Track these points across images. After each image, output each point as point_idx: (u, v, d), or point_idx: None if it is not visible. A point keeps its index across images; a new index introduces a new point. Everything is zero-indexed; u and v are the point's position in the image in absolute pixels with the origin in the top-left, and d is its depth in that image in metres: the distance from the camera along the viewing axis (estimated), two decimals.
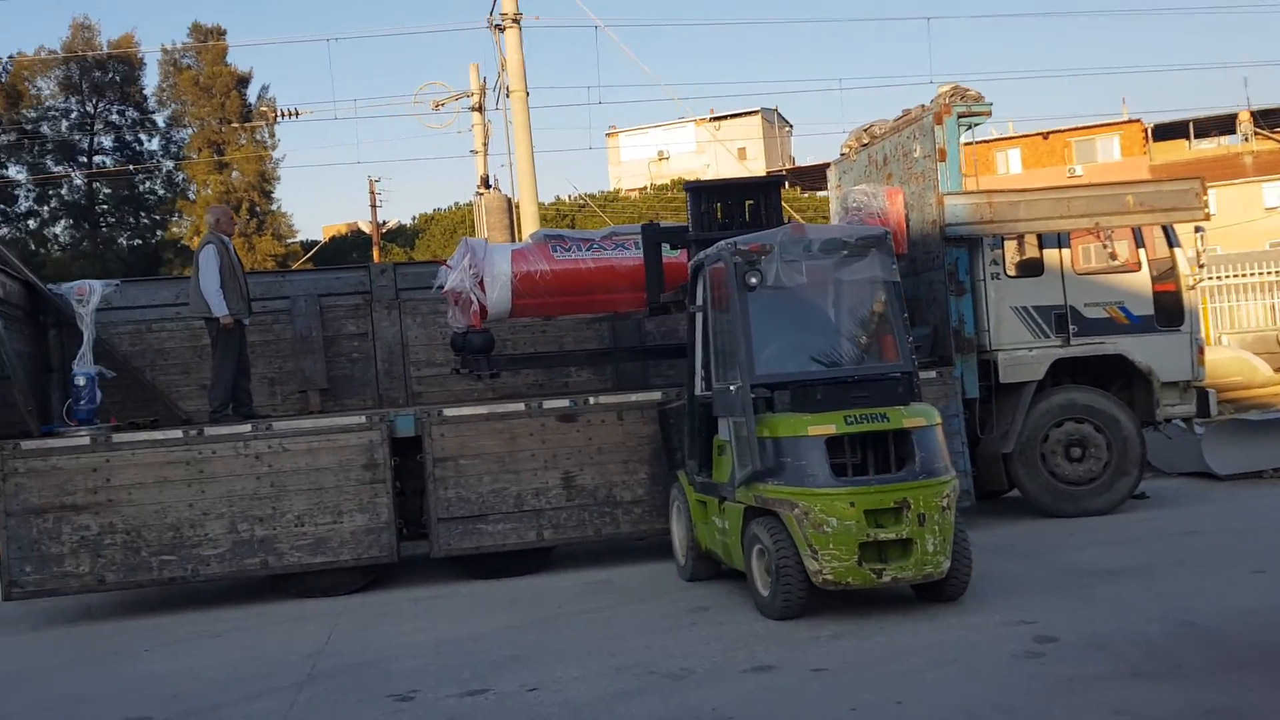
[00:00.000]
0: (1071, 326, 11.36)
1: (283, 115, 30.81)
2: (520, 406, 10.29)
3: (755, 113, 71.28)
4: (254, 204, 46.54)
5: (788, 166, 67.36)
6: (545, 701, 6.18)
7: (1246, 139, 49.52)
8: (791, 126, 77.91)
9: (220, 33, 46.90)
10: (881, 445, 7.83)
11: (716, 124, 72.87)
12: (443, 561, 10.10)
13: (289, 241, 48.27)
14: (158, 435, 9.79)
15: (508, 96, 20.14)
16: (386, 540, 9.88)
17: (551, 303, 11.08)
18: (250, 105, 47.34)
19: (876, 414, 7.83)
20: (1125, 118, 51.38)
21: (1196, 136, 51.12)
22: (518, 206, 21.09)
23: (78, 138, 46.68)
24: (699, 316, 9.19)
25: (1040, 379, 11.28)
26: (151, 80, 47.66)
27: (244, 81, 47.40)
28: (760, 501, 7.95)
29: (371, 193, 42.63)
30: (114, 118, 47.19)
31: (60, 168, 45.72)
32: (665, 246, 10.58)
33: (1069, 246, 11.51)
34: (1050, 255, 11.51)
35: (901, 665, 6.44)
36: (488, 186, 28.72)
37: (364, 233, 51.17)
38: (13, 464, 9.48)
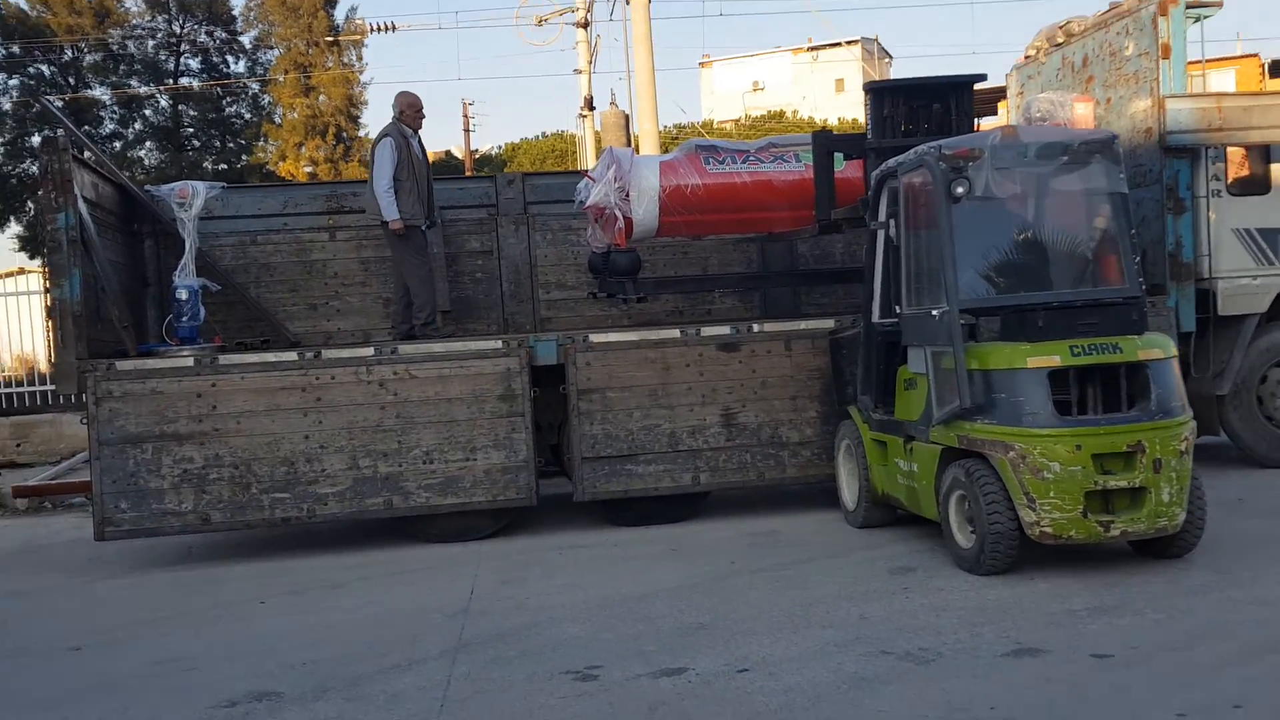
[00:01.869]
0: None
1: (375, 30, 29.62)
2: (676, 333, 9.02)
3: (855, 42, 68.97)
4: (340, 129, 45.72)
5: None
6: (766, 689, 4.96)
7: None
8: (891, 57, 75.33)
9: None
10: (1110, 380, 6.69)
11: (814, 54, 70.91)
12: (584, 505, 8.92)
13: None
14: (270, 357, 8.66)
15: (626, 2, 18.69)
16: (525, 480, 8.71)
17: (702, 220, 9.84)
18: (338, 26, 46.51)
19: (1107, 344, 6.68)
20: (1240, 52, 48.57)
21: None
22: (632, 130, 19.71)
23: (164, 58, 46.03)
24: (881, 234, 7.96)
25: (1263, 312, 9.80)
26: (239, 0, 46.72)
27: (331, 1, 46.47)
28: (965, 443, 6.86)
29: (465, 116, 41.47)
30: (201, 38, 46.44)
31: (146, 88, 45.14)
32: (837, 158, 9.26)
33: None
34: (1277, 170, 9.96)
35: (1203, 653, 5.15)
36: (592, 108, 27.40)
37: (456, 159, 50.10)
38: (106, 386, 8.42)
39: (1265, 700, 4.55)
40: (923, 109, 8.73)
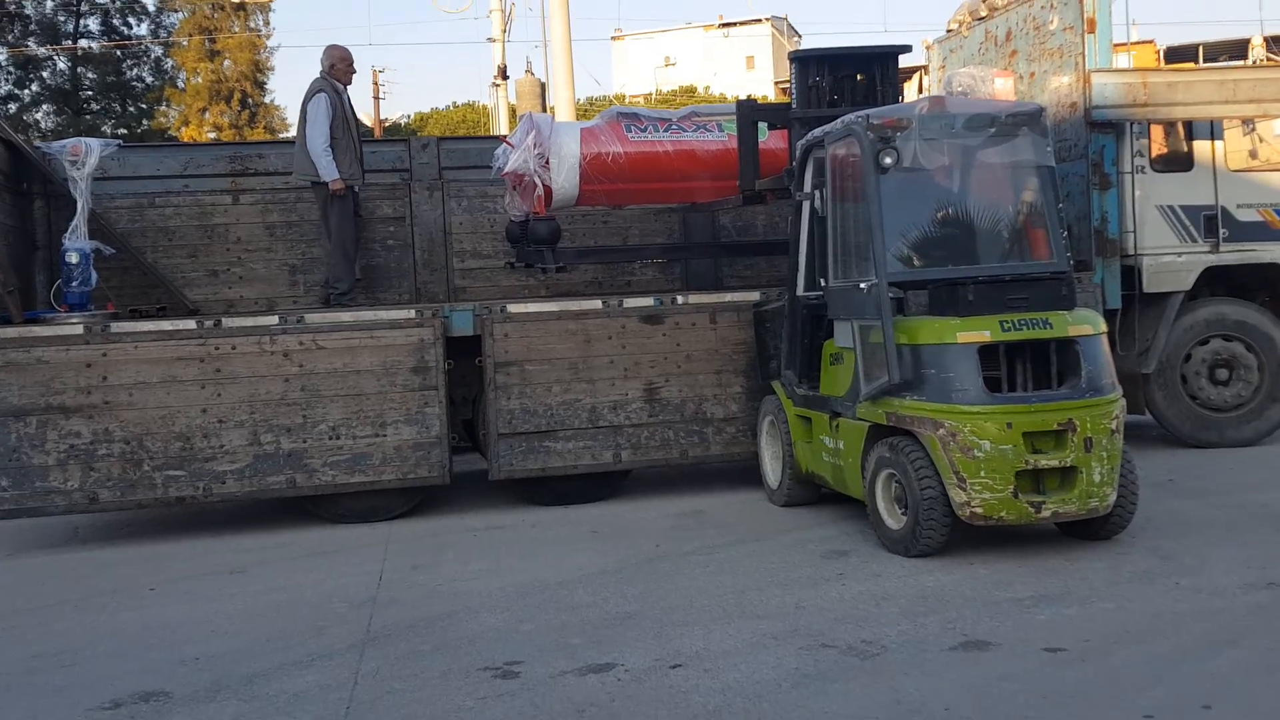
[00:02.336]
0: (1222, 230, 9.78)
1: None
2: (597, 304, 8.65)
3: (765, 20, 69.08)
4: (246, 95, 44.59)
5: None
6: (702, 687, 4.63)
7: (1256, 64, 47.31)
8: (801, 37, 75.55)
9: None
10: (1040, 357, 6.56)
11: (725, 30, 70.85)
12: (499, 484, 8.53)
13: (282, 136, 46.17)
14: (166, 325, 8.11)
15: None
16: (437, 458, 8.29)
17: (623, 189, 9.57)
18: None
19: (1037, 319, 6.54)
20: (1137, 38, 49.36)
21: (1206, 59, 49.09)
22: (548, 100, 19.25)
23: (62, 19, 44.38)
24: (806, 206, 7.76)
25: (1188, 290, 9.72)
26: None
27: None
28: (894, 420, 6.68)
29: (375, 84, 40.49)
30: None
31: (43, 49, 43.50)
32: (761, 128, 9.00)
33: (1222, 138, 9.89)
34: (1201, 148, 9.88)
35: (1160, 646, 4.94)
36: (505, 77, 26.88)
37: (366, 127, 48.98)
38: None
39: (1234, 699, 4.33)
40: (848, 79, 8.50)
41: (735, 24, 69.38)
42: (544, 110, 19.06)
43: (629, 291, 10.41)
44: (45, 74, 43.28)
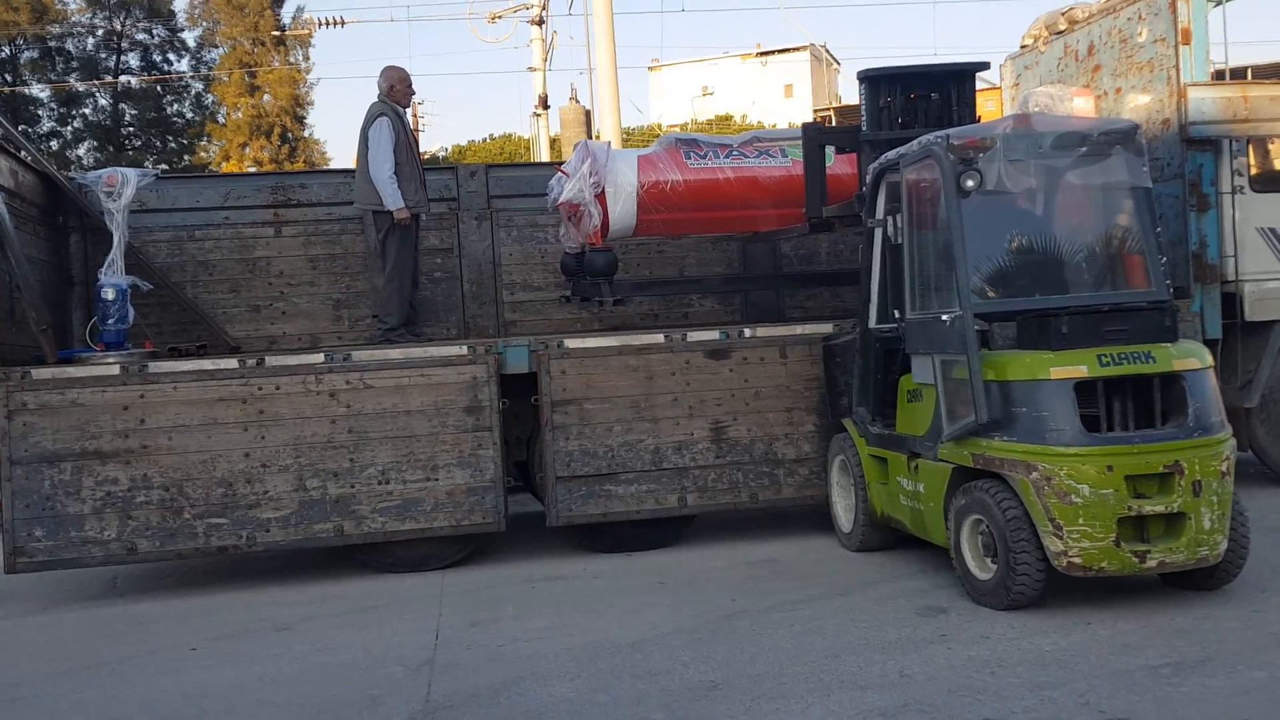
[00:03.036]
0: None
1: (324, 24, 28.52)
2: (660, 338, 8.14)
3: (804, 48, 68.83)
4: (285, 129, 44.69)
5: (834, 105, 64.83)
6: None
7: None
8: (840, 64, 75.16)
9: None
10: (1142, 393, 6.00)
11: (763, 59, 70.58)
12: (556, 530, 8.01)
13: (324, 168, 46.22)
14: (207, 365, 7.68)
15: None
16: (492, 503, 7.80)
17: (683, 219, 9.16)
18: (285, 25, 45.53)
19: (1139, 353, 6.00)
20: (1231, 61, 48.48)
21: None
22: (593, 127, 18.84)
23: (104, 55, 44.73)
24: (879, 233, 7.28)
25: None
26: None
27: (278, 1, 45.42)
28: (981, 462, 6.15)
29: (415, 116, 40.25)
30: (141, 36, 45.19)
31: (84, 85, 43.79)
32: (828, 153, 8.53)
33: None
34: None
35: None
36: (546, 107, 26.56)
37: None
38: (20, 398, 7.40)
39: None
40: (921, 99, 7.98)
41: (773, 52, 69.22)
42: (589, 137, 18.66)
43: (690, 324, 9.94)
44: (87, 110, 43.62)
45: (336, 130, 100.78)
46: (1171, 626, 5.61)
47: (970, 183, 6.30)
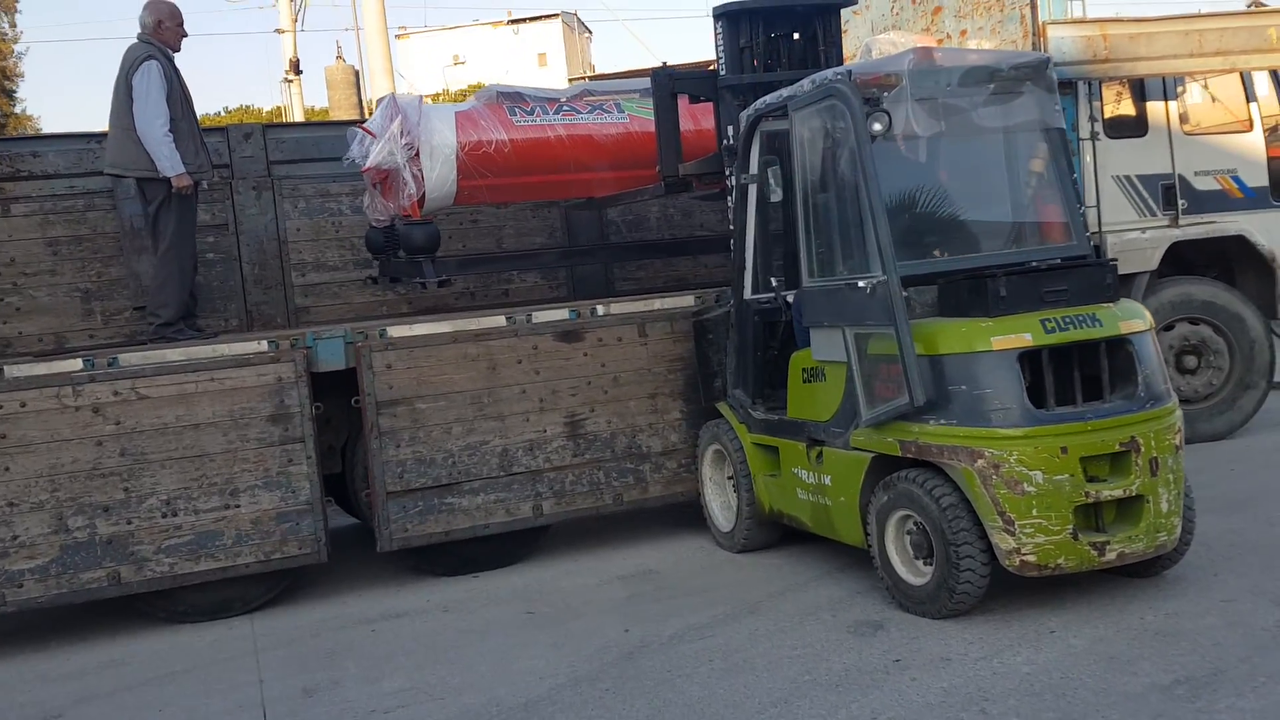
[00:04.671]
0: (1181, 201, 8.77)
1: None
2: (501, 321, 6.91)
3: (555, 16, 68.05)
4: None
5: (589, 74, 64.16)
6: None
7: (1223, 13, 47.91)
8: (592, 32, 74.77)
9: None
10: (1087, 362, 5.24)
11: (514, 27, 69.25)
12: (382, 554, 6.70)
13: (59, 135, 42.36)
14: None
15: None
16: (310, 529, 6.42)
17: (510, 184, 7.97)
18: None
19: (1084, 316, 5.25)
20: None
21: None
22: (363, 91, 17.22)
23: None
24: (752, 191, 6.39)
25: (1154, 269, 8.66)
26: None
27: None
28: (913, 450, 5.28)
29: None
30: None
31: None
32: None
33: (1176, 98, 8.88)
34: (1154, 109, 8.84)
35: None
36: (299, 72, 24.64)
37: None
38: None
39: None
40: (783, 39, 7.04)
41: (525, 20, 68.07)
42: (360, 104, 17.05)
43: (514, 303, 8.74)
44: None
45: (55, 104, 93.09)
46: (1147, 628, 4.85)
47: (878, 125, 5.41)
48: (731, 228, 6.68)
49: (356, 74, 17.56)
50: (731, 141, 6.74)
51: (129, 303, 8.16)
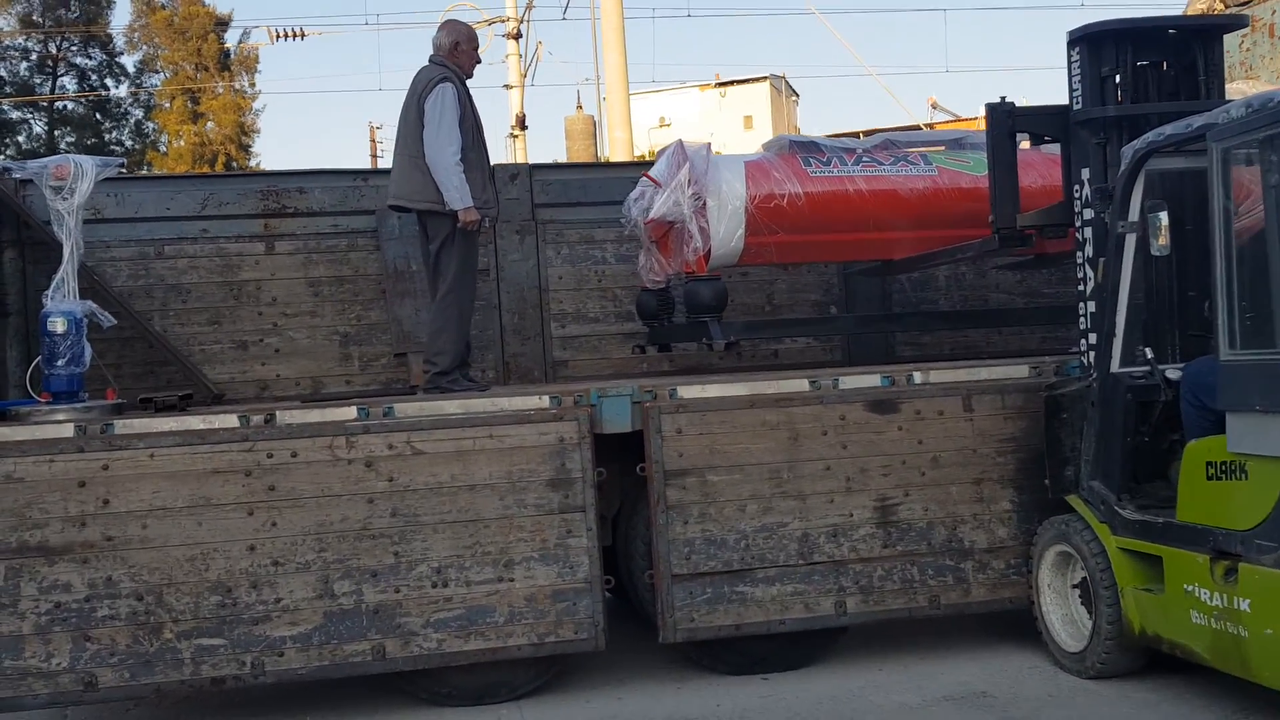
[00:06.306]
0: None
1: (281, 37, 26.41)
2: (804, 385, 6.13)
3: (763, 79, 68.03)
4: (230, 158, 42.66)
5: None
6: None
7: None
8: (798, 97, 74.37)
9: None
10: None
11: (722, 90, 69.45)
12: (652, 642, 5.93)
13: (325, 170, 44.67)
14: (196, 423, 5.55)
15: None
16: (587, 611, 5.72)
17: (801, 242, 7.27)
18: (229, 51, 43.63)
19: None
20: None
21: None
22: (601, 141, 16.88)
23: (39, 80, 42.46)
24: (1129, 242, 5.43)
25: None
26: (120, 20, 43.33)
27: (223, 24, 43.46)
28: None
29: (372, 141, 38.24)
30: (78, 60, 43.06)
31: (19, 113, 41.54)
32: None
33: None
34: None
35: None
36: (524, 127, 24.69)
37: None
38: None
39: None
40: (1151, 68, 6.09)
41: (733, 83, 68.28)
42: (595, 153, 16.71)
43: (785, 365, 8.00)
44: (21, 138, 41.16)
45: (282, 158, 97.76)
46: None
47: None
48: (1088, 287, 5.75)
49: (594, 124, 17.27)
50: (1088, 185, 5.82)
51: (388, 348, 7.75)
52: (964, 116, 27.39)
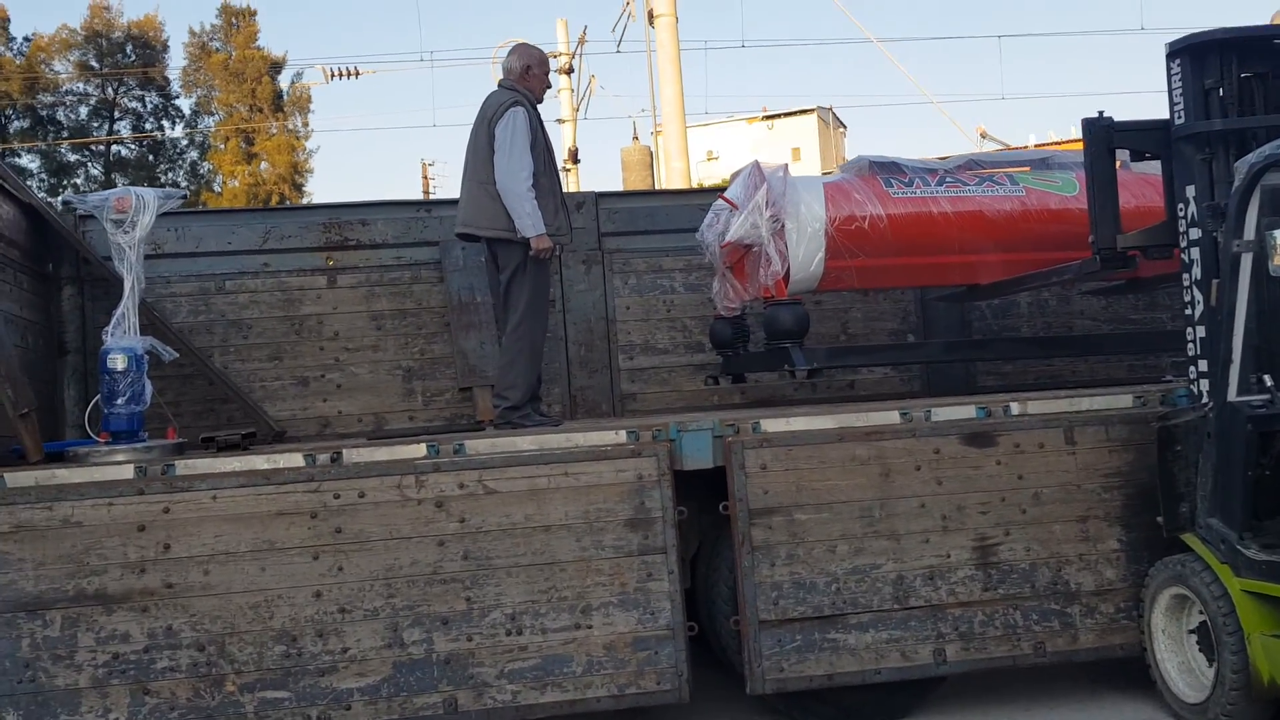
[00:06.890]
0: None
1: (335, 75, 26.53)
2: (894, 417, 5.79)
3: (810, 111, 67.90)
4: (284, 197, 43.17)
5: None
6: None
7: None
8: (846, 128, 74.09)
9: (251, 14, 43.80)
10: None
11: (769, 123, 69.35)
12: (739, 693, 5.59)
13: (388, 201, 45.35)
14: (259, 463, 5.29)
15: (650, 23, 15.75)
16: (669, 659, 5.39)
17: (883, 266, 6.99)
18: (283, 92, 44.23)
19: None
20: None
21: None
22: (658, 171, 16.68)
23: (95, 124, 43.20)
24: (1246, 262, 5.06)
25: None
26: (176, 63, 43.98)
27: (276, 67, 44.11)
28: None
29: (424, 178, 38.37)
30: (134, 104, 43.78)
31: (77, 156, 42.29)
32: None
33: None
34: None
35: None
36: (576, 161, 24.60)
37: None
38: None
39: None
40: (1257, 79, 5.73)
41: (780, 115, 68.20)
42: (653, 184, 16.51)
43: (867, 396, 7.68)
44: (79, 180, 41.84)
45: (341, 198, 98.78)
46: None
47: None
48: (1196, 311, 5.39)
49: (651, 155, 17.08)
50: (1194, 202, 5.47)
51: (452, 383, 7.53)
52: (1012, 144, 27.08)
